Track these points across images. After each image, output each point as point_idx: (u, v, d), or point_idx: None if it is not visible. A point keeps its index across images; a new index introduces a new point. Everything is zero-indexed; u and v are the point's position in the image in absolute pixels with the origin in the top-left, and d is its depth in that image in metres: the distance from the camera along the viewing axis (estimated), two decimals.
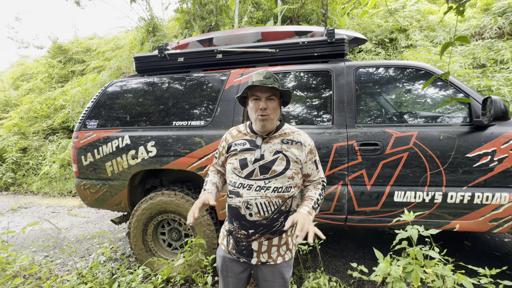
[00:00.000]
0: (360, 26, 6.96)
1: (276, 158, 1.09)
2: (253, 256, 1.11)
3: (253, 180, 1.09)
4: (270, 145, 1.12)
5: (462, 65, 4.80)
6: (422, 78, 1.95)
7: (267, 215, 1.08)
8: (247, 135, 1.17)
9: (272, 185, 1.07)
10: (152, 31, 7.41)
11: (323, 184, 1.18)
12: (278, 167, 1.08)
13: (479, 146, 1.70)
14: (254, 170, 1.09)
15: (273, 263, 1.11)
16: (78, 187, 2.33)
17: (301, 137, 1.15)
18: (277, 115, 1.13)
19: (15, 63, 11.46)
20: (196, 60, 2.36)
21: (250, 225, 1.09)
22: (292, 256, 1.16)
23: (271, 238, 1.10)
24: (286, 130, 1.16)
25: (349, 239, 2.78)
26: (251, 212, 1.08)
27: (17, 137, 6.68)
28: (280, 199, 1.08)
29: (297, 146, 1.12)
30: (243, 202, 1.09)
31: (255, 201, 1.07)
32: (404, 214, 1.42)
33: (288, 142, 1.12)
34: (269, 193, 1.07)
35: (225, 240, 1.19)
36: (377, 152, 1.81)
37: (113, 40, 9.88)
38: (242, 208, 1.09)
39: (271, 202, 1.07)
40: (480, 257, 2.30)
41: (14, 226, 3.67)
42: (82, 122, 2.34)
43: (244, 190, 1.09)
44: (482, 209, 1.72)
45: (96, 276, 2.08)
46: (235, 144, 1.17)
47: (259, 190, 1.07)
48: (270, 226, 1.09)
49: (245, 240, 1.11)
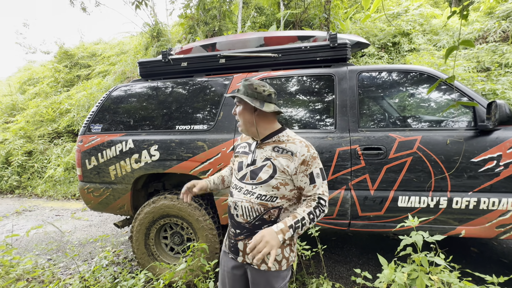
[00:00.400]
0: (362, 30, 6.98)
1: (264, 165, 1.09)
2: (239, 255, 1.15)
3: (244, 183, 1.13)
4: (262, 151, 1.13)
5: (466, 69, 4.77)
6: (425, 82, 1.94)
7: (249, 220, 1.10)
8: (249, 138, 1.24)
9: (256, 192, 1.09)
10: (156, 36, 7.51)
11: (319, 202, 1.05)
12: (263, 175, 1.08)
13: (484, 151, 1.68)
14: (246, 174, 1.14)
15: (256, 267, 1.10)
16: (82, 191, 2.34)
17: (295, 146, 1.07)
18: (248, 120, 1.13)
19: (23, 68, 11.68)
20: (200, 65, 2.38)
21: (237, 225, 1.14)
22: (280, 268, 1.10)
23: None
24: (282, 137, 1.13)
25: (353, 244, 2.75)
26: (237, 213, 1.13)
27: (23, 141, 6.77)
28: (262, 207, 1.08)
29: (287, 156, 1.06)
30: (232, 202, 1.16)
31: (241, 203, 1.12)
32: (409, 220, 1.40)
33: (279, 151, 1.09)
34: (253, 199, 1.09)
35: (226, 233, 1.26)
36: (380, 157, 1.80)
37: (118, 45, 10.03)
38: (232, 208, 1.16)
39: (253, 208, 1.09)
40: (487, 264, 2.26)
41: (18, 229, 3.69)
42: (86, 126, 2.37)
43: (235, 191, 1.16)
44: (489, 215, 1.70)
45: (98, 280, 2.08)
46: (239, 147, 1.25)
47: (246, 194, 1.11)
48: (252, 231, 1.10)
49: (233, 238, 1.16)
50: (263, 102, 1.11)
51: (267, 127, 1.15)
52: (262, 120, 1.14)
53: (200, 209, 2.07)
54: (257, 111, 1.13)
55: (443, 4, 10.30)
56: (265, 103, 1.11)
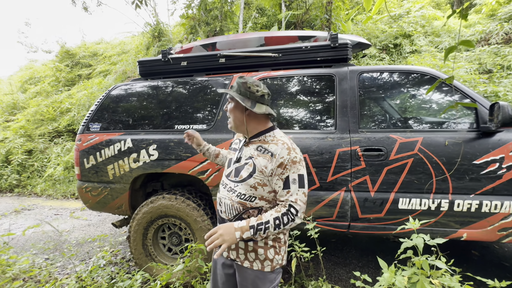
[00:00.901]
0: (364, 31, 6.96)
1: (247, 163, 1.10)
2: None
3: (229, 180, 1.15)
4: (247, 149, 1.14)
5: (467, 71, 4.75)
6: (427, 83, 1.92)
7: (230, 218, 1.13)
8: (242, 135, 1.25)
9: (237, 190, 1.10)
10: (158, 36, 7.51)
11: (289, 209, 0.99)
12: (244, 173, 1.09)
13: (486, 153, 1.65)
14: (232, 171, 1.16)
15: (240, 263, 1.12)
16: (80, 190, 2.33)
17: (275, 147, 1.04)
18: (238, 118, 1.12)
19: (24, 67, 11.70)
20: (200, 64, 2.37)
21: (221, 221, 1.18)
22: (263, 268, 1.08)
23: None
24: (268, 137, 1.11)
25: (352, 246, 2.72)
26: (221, 210, 1.16)
27: (23, 139, 6.77)
28: (241, 206, 1.09)
29: (266, 156, 1.04)
30: (218, 198, 1.19)
31: (224, 200, 1.14)
32: (409, 222, 1.38)
33: (261, 150, 1.08)
34: (234, 197, 1.10)
35: None
36: (381, 158, 1.78)
37: (119, 44, 10.04)
38: (217, 204, 1.20)
39: (233, 206, 1.11)
40: (489, 268, 2.23)
41: (16, 228, 3.68)
42: (85, 125, 2.35)
43: (221, 187, 1.19)
44: (491, 218, 1.67)
45: (95, 280, 2.06)
46: (233, 143, 1.29)
47: (229, 191, 1.13)
48: None
49: None
50: (255, 102, 1.09)
51: (257, 127, 1.13)
52: (252, 120, 1.12)
53: (198, 210, 2.05)
54: (247, 111, 1.11)
55: (445, 6, 10.29)
56: (257, 103, 1.09)
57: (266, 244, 1.09)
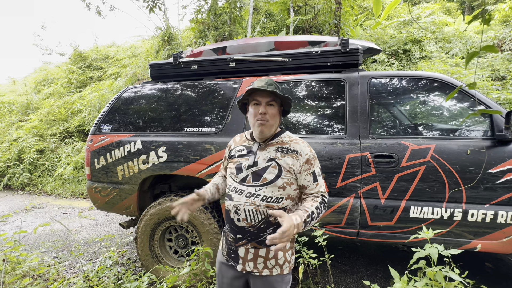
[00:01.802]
0: (373, 37, 6.93)
1: (269, 165, 1.08)
2: (239, 262, 1.09)
3: (246, 185, 1.09)
4: (265, 152, 1.11)
5: (480, 77, 4.66)
6: (440, 89, 1.89)
7: (254, 223, 1.06)
8: (246, 141, 1.20)
9: (261, 194, 1.05)
10: (168, 40, 7.65)
11: (322, 199, 1.06)
12: (269, 175, 1.06)
13: (502, 162, 1.61)
14: (248, 176, 1.10)
15: (258, 274, 1.07)
16: (90, 190, 2.36)
17: (298, 146, 1.10)
18: (277, 123, 1.13)
19: (38, 69, 12.06)
20: (210, 68, 2.39)
21: (238, 230, 1.09)
22: (282, 271, 1.08)
23: (258, 248, 1.07)
24: (284, 138, 1.14)
25: (360, 254, 2.67)
26: (239, 218, 1.08)
27: (36, 139, 6.94)
28: (268, 209, 1.05)
29: (292, 155, 1.08)
30: (233, 206, 1.10)
31: (244, 207, 1.07)
32: (422, 231, 1.35)
33: (283, 151, 1.09)
34: (258, 201, 1.05)
35: (222, 240, 1.21)
36: (392, 165, 1.75)
37: (130, 48, 10.26)
38: (232, 212, 1.10)
39: (258, 210, 1.05)
40: (503, 281, 2.15)
41: (26, 226, 3.75)
42: (97, 126, 2.40)
43: (235, 194, 1.10)
44: (507, 229, 1.61)
45: (102, 280, 2.08)
46: (235, 150, 1.20)
47: (249, 196, 1.07)
48: (256, 235, 1.06)
49: (233, 244, 1.11)
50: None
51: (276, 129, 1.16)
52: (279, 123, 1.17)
53: (205, 213, 2.05)
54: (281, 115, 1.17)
55: (456, 12, 10.17)
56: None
57: (285, 247, 1.08)
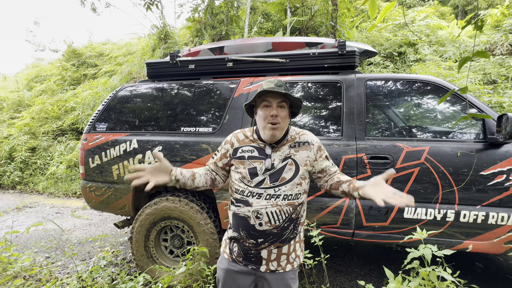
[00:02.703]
0: (368, 39, 7.00)
1: (285, 164, 1.08)
2: (262, 264, 1.08)
3: (263, 188, 1.06)
4: (279, 153, 1.10)
5: (472, 81, 4.75)
6: (434, 92, 1.92)
7: (278, 224, 1.05)
8: (254, 142, 1.13)
9: (282, 193, 1.05)
10: (164, 39, 7.59)
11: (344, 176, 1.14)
12: (287, 174, 1.07)
13: (493, 164, 1.65)
14: (265, 179, 1.07)
15: (282, 271, 1.08)
16: (84, 189, 2.33)
17: (307, 136, 1.14)
18: (287, 125, 1.11)
19: (30, 65, 11.83)
20: (207, 68, 2.39)
21: (260, 234, 1.05)
22: (300, 262, 1.13)
23: (281, 247, 1.08)
24: (291, 133, 1.15)
25: (355, 254, 2.70)
26: (261, 222, 1.04)
27: (27, 137, 6.81)
28: (290, 207, 1.06)
29: (305, 147, 1.11)
30: (253, 212, 1.05)
31: (266, 210, 1.04)
32: (416, 232, 1.37)
33: (296, 146, 1.11)
34: (280, 201, 1.05)
35: (228, 248, 1.14)
36: (387, 166, 1.77)
37: (125, 46, 10.14)
38: (252, 218, 1.05)
39: (282, 210, 1.05)
40: (493, 281, 2.20)
41: (18, 225, 3.68)
42: (92, 125, 2.37)
43: (253, 199, 1.06)
44: (497, 230, 1.65)
45: (96, 280, 2.05)
46: (243, 151, 1.13)
47: (269, 198, 1.05)
48: (280, 234, 1.06)
49: (253, 248, 1.07)
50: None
51: None
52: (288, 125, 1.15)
53: (201, 213, 2.04)
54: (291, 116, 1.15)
55: (449, 16, 10.35)
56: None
57: (300, 238, 1.13)
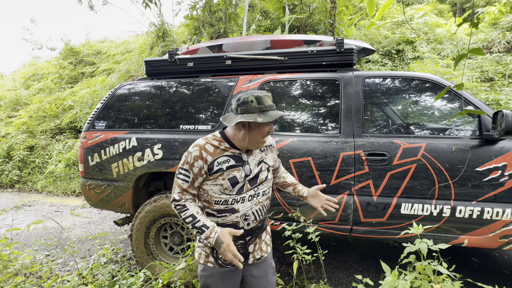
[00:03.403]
0: (366, 37, 7.01)
1: (261, 167, 1.16)
2: (249, 257, 1.17)
3: (244, 192, 1.11)
4: (253, 157, 1.16)
5: (470, 78, 4.78)
6: (431, 90, 1.94)
7: (261, 218, 1.17)
8: (227, 150, 1.09)
9: (260, 191, 1.15)
10: (162, 36, 7.56)
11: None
12: (263, 175, 1.16)
13: (489, 160, 1.67)
14: (244, 185, 1.11)
15: (265, 255, 1.20)
16: (83, 187, 2.34)
17: (270, 139, 1.25)
18: None
19: (27, 63, 11.74)
20: (206, 66, 2.39)
21: (248, 233, 1.13)
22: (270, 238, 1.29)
23: (261, 235, 1.21)
24: None
25: (353, 250, 2.73)
26: (249, 222, 1.13)
27: (25, 136, 6.79)
28: (268, 200, 1.20)
29: (270, 150, 1.23)
30: (241, 216, 1.10)
31: (251, 210, 1.12)
32: (412, 227, 1.40)
33: (265, 149, 1.21)
34: (260, 198, 1.15)
35: (212, 257, 1.13)
36: (384, 163, 1.80)
37: (123, 44, 10.09)
38: (241, 222, 1.11)
39: (263, 205, 1.16)
40: (489, 275, 2.23)
41: (17, 224, 3.68)
42: (90, 123, 2.37)
43: (239, 205, 1.10)
44: (492, 225, 1.68)
45: (96, 277, 2.07)
46: (218, 163, 1.07)
47: (251, 199, 1.12)
48: (262, 226, 1.19)
49: (242, 248, 1.14)
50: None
51: None
52: None
53: None
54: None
55: (447, 13, 10.36)
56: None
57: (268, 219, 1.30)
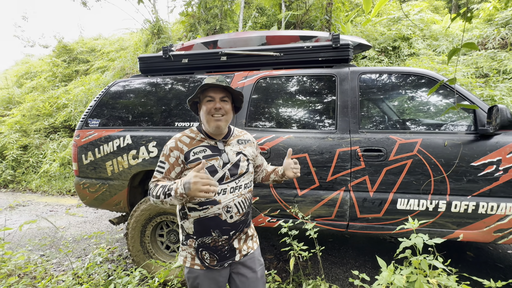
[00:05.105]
0: (363, 33, 7.00)
1: (239, 158, 1.16)
2: (236, 254, 1.14)
3: (226, 183, 1.10)
4: (230, 147, 1.17)
5: (465, 75, 4.81)
6: (427, 85, 1.94)
7: (244, 211, 1.14)
8: (203, 141, 1.12)
9: (242, 183, 1.14)
10: (157, 33, 7.47)
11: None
12: (243, 166, 1.16)
13: (484, 155, 1.68)
14: (225, 174, 1.10)
15: (252, 251, 1.18)
16: (78, 186, 2.31)
17: (248, 135, 1.28)
18: (231, 118, 1.17)
19: (20, 61, 11.55)
20: (201, 62, 2.36)
21: (231, 227, 1.11)
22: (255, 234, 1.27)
23: (246, 230, 1.18)
24: (236, 131, 1.26)
25: (349, 246, 2.74)
26: (232, 214, 1.10)
27: (19, 135, 6.68)
28: (250, 193, 1.19)
29: (249, 144, 1.25)
30: (223, 208, 1.08)
31: (233, 202, 1.10)
32: (408, 222, 1.40)
33: (243, 142, 1.22)
34: (242, 190, 1.13)
35: (197, 259, 1.10)
36: (380, 159, 1.79)
37: (117, 41, 9.95)
38: (223, 214, 1.08)
39: (245, 198, 1.15)
40: (483, 269, 2.26)
41: (11, 224, 3.63)
42: (84, 121, 2.33)
43: (220, 196, 1.08)
44: (487, 219, 1.70)
45: (91, 277, 2.05)
46: (195, 153, 1.09)
47: (233, 191, 1.11)
48: (246, 220, 1.16)
49: (226, 244, 1.11)
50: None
51: None
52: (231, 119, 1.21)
53: None
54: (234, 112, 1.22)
55: (443, 10, 10.39)
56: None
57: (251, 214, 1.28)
